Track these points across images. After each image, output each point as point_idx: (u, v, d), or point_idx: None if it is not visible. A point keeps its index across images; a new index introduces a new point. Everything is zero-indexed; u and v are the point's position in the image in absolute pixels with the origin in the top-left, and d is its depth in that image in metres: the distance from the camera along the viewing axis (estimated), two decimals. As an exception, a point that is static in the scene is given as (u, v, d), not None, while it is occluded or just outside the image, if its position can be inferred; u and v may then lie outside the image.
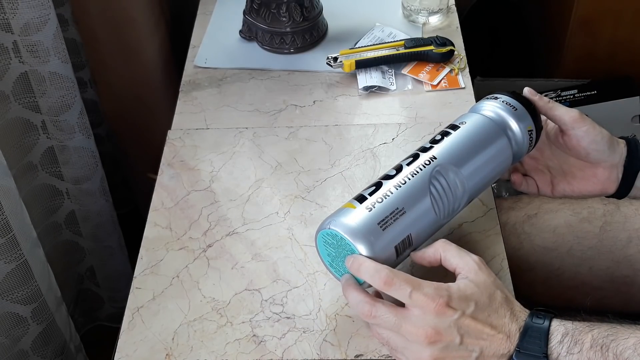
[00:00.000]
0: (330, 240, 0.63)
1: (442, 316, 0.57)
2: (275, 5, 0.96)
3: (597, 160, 0.72)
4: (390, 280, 0.58)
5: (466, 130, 0.69)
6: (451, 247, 0.62)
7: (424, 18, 1.03)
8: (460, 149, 0.68)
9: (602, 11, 1.23)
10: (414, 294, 0.57)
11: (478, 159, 0.68)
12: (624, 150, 0.72)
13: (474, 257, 0.61)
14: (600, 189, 0.73)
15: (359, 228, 0.61)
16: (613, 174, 0.72)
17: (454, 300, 0.57)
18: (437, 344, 0.57)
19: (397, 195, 0.63)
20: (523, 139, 0.70)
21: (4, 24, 0.82)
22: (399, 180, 0.64)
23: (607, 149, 0.71)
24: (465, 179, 0.66)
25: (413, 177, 0.64)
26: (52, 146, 0.97)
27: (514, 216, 0.84)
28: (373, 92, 0.93)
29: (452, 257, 0.62)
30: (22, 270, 0.81)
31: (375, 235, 0.61)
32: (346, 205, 0.63)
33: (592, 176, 0.73)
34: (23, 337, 0.88)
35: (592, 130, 0.70)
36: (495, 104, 0.71)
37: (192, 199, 0.80)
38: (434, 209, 0.64)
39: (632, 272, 0.79)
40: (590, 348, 0.56)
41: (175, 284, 0.72)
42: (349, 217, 0.62)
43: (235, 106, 0.92)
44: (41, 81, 0.88)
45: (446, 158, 0.66)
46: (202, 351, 0.66)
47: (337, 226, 0.61)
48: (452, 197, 0.66)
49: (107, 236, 1.11)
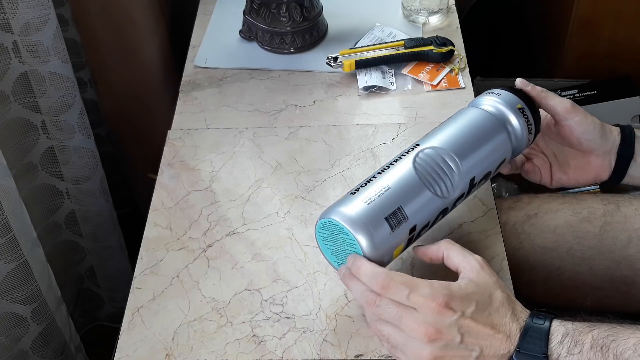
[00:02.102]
0: (325, 232, 0.64)
1: (443, 316, 0.57)
2: (275, 5, 0.96)
3: (590, 148, 0.74)
4: (386, 283, 0.58)
5: (461, 119, 0.70)
6: (455, 246, 0.63)
7: (424, 18, 1.03)
8: (454, 135, 0.68)
9: (602, 11, 1.23)
10: (412, 296, 0.57)
11: (473, 143, 0.68)
12: (617, 138, 0.74)
13: (477, 257, 0.62)
14: (594, 176, 0.76)
15: (344, 208, 0.62)
16: (606, 161, 0.74)
17: (455, 299, 0.57)
18: (437, 342, 0.57)
19: (381, 177, 0.65)
20: (522, 133, 0.70)
21: (4, 24, 0.82)
22: (383, 167, 0.66)
23: (599, 138, 0.73)
24: (454, 153, 0.66)
25: (397, 161, 0.66)
26: (52, 146, 0.97)
27: (514, 216, 0.84)
28: (373, 92, 0.93)
29: (455, 256, 0.62)
30: (22, 270, 0.81)
31: (358, 210, 0.61)
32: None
33: (585, 164, 0.75)
34: (23, 337, 0.88)
35: (584, 120, 0.72)
36: (495, 98, 0.71)
37: (192, 199, 0.80)
38: (424, 183, 0.64)
39: (632, 272, 0.79)
40: (591, 349, 0.56)
41: (175, 284, 0.72)
42: (335, 203, 0.64)
43: (235, 106, 0.92)
44: (41, 81, 0.88)
45: (434, 142, 0.67)
46: (202, 351, 0.66)
47: (325, 214, 0.63)
48: (443, 172, 0.66)
49: (107, 236, 1.11)
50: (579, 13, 1.23)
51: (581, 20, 1.24)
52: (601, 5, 1.22)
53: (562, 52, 1.30)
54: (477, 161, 0.68)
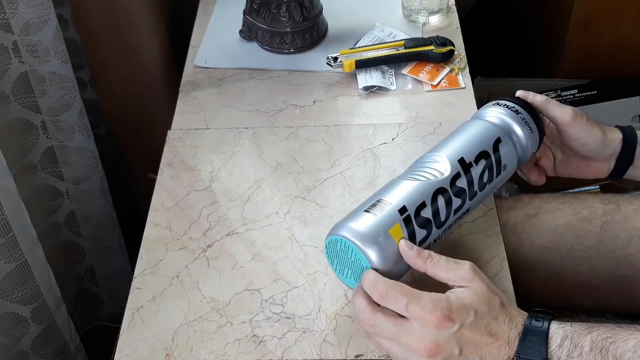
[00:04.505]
0: (333, 250, 0.63)
1: (441, 329, 0.56)
2: (275, 5, 0.96)
3: (590, 156, 0.76)
4: (385, 292, 0.57)
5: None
6: (440, 261, 0.61)
7: (424, 18, 1.03)
8: (458, 145, 0.69)
9: (602, 11, 1.23)
10: (410, 307, 0.57)
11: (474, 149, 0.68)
12: (619, 146, 0.75)
13: (465, 265, 0.60)
14: (593, 176, 0.79)
15: (344, 220, 0.62)
16: (605, 165, 0.77)
17: (454, 311, 0.57)
18: (436, 356, 0.57)
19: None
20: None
21: (4, 24, 0.82)
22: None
23: (599, 147, 0.75)
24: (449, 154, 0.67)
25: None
26: (52, 146, 0.97)
27: (514, 216, 0.84)
28: (373, 92, 0.93)
29: (441, 272, 0.61)
30: (22, 271, 0.81)
31: (357, 218, 0.62)
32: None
33: (585, 166, 0.78)
34: (23, 337, 0.88)
35: (585, 131, 0.74)
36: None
37: (192, 199, 0.80)
38: (418, 180, 0.64)
39: (633, 271, 0.79)
40: (590, 351, 0.56)
41: (175, 284, 0.72)
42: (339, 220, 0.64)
43: (235, 106, 0.92)
44: (41, 81, 0.88)
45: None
46: (202, 351, 0.66)
47: (331, 232, 0.63)
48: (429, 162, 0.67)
49: (107, 236, 1.11)
50: (579, 13, 1.23)
51: (581, 21, 1.24)
52: (601, 6, 1.22)
53: (562, 52, 1.30)
54: (462, 146, 0.69)
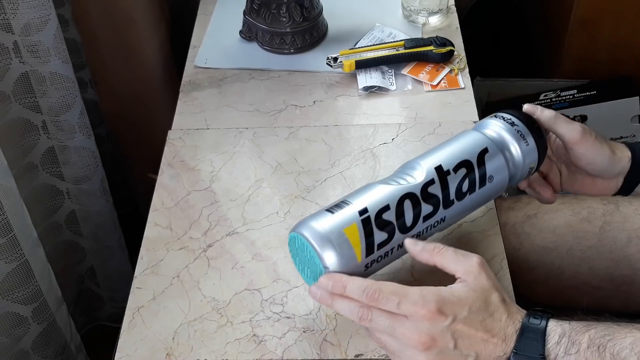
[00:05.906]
0: (294, 247, 0.64)
1: (434, 322, 0.56)
2: (275, 5, 0.96)
3: (597, 174, 0.72)
4: (375, 295, 0.57)
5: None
6: (447, 252, 0.61)
7: (423, 18, 1.03)
8: (440, 153, 0.67)
9: (602, 11, 1.23)
10: (402, 305, 0.57)
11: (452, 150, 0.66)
12: (627, 164, 0.72)
13: (474, 259, 0.60)
14: (600, 193, 0.75)
15: (306, 218, 0.62)
16: (612, 183, 0.73)
17: (446, 304, 0.57)
18: (431, 349, 0.57)
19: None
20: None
21: (5, 24, 0.82)
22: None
23: (607, 166, 0.71)
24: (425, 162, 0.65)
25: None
26: (53, 146, 0.97)
27: (513, 216, 0.84)
28: (373, 92, 0.93)
29: (448, 264, 0.60)
30: (22, 270, 0.81)
31: (317, 216, 0.61)
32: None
33: (592, 184, 0.74)
34: (24, 336, 0.88)
35: (592, 150, 0.70)
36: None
37: (192, 199, 0.80)
38: (390, 184, 0.63)
39: (632, 271, 0.79)
40: (588, 348, 0.56)
41: (176, 284, 0.72)
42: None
43: (236, 106, 0.92)
44: (42, 81, 0.88)
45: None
46: (203, 351, 0.66)
47: (293, 230, 0.63)
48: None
49: (107, 236, 1.11)
50: (579, 13, 1.23)
51: (581, 21, 1.24)
52: (601, 6, 1.22)
53: (561, 53, 1.30)
54: (443, 153, 0.67)
